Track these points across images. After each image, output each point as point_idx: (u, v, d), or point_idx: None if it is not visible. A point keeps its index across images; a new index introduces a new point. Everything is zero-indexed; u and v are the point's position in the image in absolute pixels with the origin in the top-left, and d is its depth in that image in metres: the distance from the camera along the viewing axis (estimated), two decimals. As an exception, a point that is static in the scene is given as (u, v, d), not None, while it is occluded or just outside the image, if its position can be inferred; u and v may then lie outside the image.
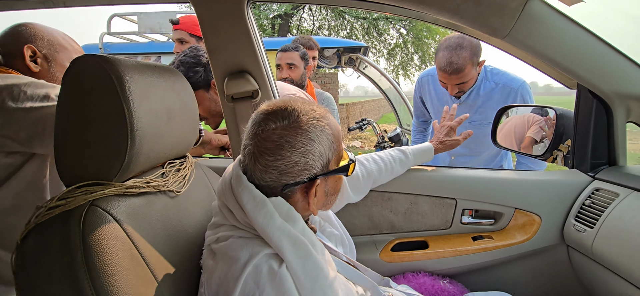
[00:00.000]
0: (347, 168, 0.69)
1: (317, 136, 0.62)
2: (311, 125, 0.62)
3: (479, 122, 1.56)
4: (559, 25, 0.91)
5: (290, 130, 0.61)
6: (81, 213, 0.54)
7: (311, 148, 0.62)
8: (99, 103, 0.58)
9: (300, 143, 0.61)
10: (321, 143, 0.63)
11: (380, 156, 1.11)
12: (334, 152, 0.66)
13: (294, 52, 1.88)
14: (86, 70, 0.59)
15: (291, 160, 0.61)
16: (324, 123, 0.64)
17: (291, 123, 0.62)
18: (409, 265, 1.15)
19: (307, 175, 0.63)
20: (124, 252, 0.55)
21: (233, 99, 1.09)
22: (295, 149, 0.61)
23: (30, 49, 0.99)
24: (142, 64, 0.69)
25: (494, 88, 1.53)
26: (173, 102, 0.75)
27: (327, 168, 0.65)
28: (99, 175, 0.60)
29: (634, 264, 0.83)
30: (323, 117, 0.65)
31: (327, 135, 0.64)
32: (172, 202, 0.73)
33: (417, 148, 1.17)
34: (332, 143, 0.65)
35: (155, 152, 0.69)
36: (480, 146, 1.63)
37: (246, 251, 0.58)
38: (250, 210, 0.60)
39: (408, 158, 1.14)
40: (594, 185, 1.04)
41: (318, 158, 0.63)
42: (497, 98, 1.53)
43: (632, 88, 0.96)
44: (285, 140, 0.61)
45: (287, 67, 1.87)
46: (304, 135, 0.61)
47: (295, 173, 0.62)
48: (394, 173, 1.14)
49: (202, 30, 1.03)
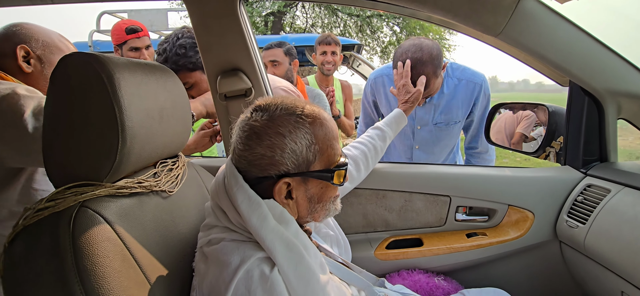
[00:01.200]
0: (331, 174, 0.65)
1: (290, 132, 0.61)
2: (285, 119, 0.61)
3: (444, 122, 1.49)
4: (551, 23, 0.92)
5: (261, 122, 0.61)
6: (71, 215, 0.53)
7: (279, 142, 0.60)
8: (88, 103, 0.57)
9: (267, 136, 0.60)
10: (294, 140, 0.61)
11: (358, 141, 1.11)
12: (317, 154, 0.63)
13: (276, 49, 1.85)
14: (75, 69, 0.57)
15: (257, 152, 0.60)
16: (304, 121, 0.62)
17: (264, 115, 0.62)
18: (403, 263, 1.15)
19: (275, 171, 0.61)
20: (116, 254, 0.53)
21: (226, 98, 1.08)
22: (261, 141, 0.60)
23: (23, 49, 0.96)
24: (132, 62, 0.67)
25: (457, 84, 1.46)
26: (165, 101, 0.73)
27: (306, 170, 0.63)
28: (90, 175, 0.58)
29: (625, 259, 0.84)
30: (307, 116, 0.63)
31: (305, 133, 0.62)
32: (165, 203, 0.72)
33: (388, 118, 1.17)
34: (313, 144, 0.62)
35: (147, 152, 0.67)
36: (443, 149, 1.56)
37: (237, 256, 0.57)
38: (245, 211, 0.59)
39: (384, 131, 1.14)
40: (586, 181, 1.05)
41: (289, 155, 0.61)
42: (462, 95, 1.46)
43: (623, 85, 0.97)
44: (253, 131, 0.61)
45: (271, 64, 1.84)
46: (273, 128, 0.60)
47: (263, 166, 0.61)
48: (377, 151, 1.11)
49: (194, 28, 1.02)
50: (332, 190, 0.69)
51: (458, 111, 1.47)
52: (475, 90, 1.47)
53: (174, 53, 1.22)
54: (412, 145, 1.58)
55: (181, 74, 1.24)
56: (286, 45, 1.89)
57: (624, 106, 1.03)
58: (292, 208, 0.65)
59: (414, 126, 1.54)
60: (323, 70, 2.19)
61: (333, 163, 0.66)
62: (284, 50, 1.86)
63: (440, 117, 1.48)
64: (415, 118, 1.53)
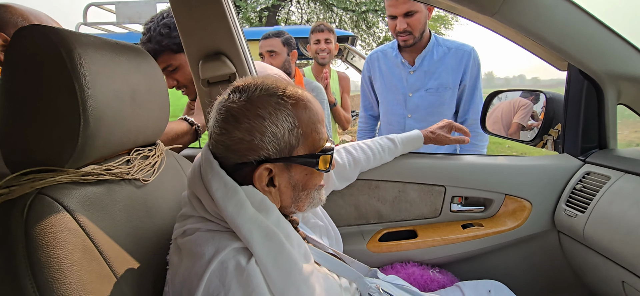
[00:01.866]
0: (315, 159, 0.60)
1: (270, 114, 0.56)
2: (264, 101, 0.56)
3: (435, 87, 1.52)
4: (549, 2, 0.88)
5: (238, 103, 0.56)
6: (25, 203, 0.48)
7: (258, 126, 0.55)
8: (46, 79, 0.52)
9: (245, 118, 0.55)
10: (275, 123, 0.56)
11: (368, 144, 1.07)
12: (301, 138, 0.59)
13: (274, 39, 1.79)
14: (31, 43, 0.52)
15: (235, 136, 0.56)
16: (286, 102, 0.57)
17: (241, 96, 0.57)
18: (397, 255, 1.11)
19: (255, 156, 0.56)
20: (75, 245, 0.48)
21: (209, 83, 1.03)
22: (239, 124, 0.56)
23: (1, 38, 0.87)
24: (101, 40, 0.62)
25: (446, 52, 1.51)
26: (138, 83, 0.68)
27: (289, 155, 0.59)
28: (50, 161, 0.53)
29: (626, 247, 0.81)
30: (290, 97, 0.58)
31: (286, 116, 0.57)
32: (139, 192, 0.67)
33: (407, 136, 1.13)
34: (296, 127, 0.58)
35: (117, 136, 0.62)
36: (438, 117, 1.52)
37: (212, 246, 0.53)
38: (220, 199, 0.54)
39: (397, 147, 1.10)
40: (585, 169, 1.02)
41: (270, 139, 0.56)
42: (451, 61, 1.50)
43: (624, 68, 0.94)
44: (230, 114, 0.56)
45: (268, 54, 1.79)
46: (251, 110, 0.56)
47: (242, 151, 0.56)
48: (382, 162, 1.10)
49: (174, 10, 0.96)
50: (318, 177, 0.65)
51: (448, 76, 1.50)
52: (464, 56, 1.49)
53: (158, 32, 1.15)
54: (405, 114, 1.59)
55: (165, 56, 1.18)
56: (284, 34, 1.83)
57: (624, 90, 0.99)
58: (274, 196, 0.61)
59: (406, 93, 1.57)
60: (318, 60, 2.13)
61: (318, 148, 0.62)
62: (282, 39, 1.80)
63: (431, 83, 1.51)
64: (406, 85, 1.56)
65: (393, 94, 1.62)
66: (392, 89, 1.61)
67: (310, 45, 2.15)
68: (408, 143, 1.12)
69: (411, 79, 1.55)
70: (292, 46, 1.83)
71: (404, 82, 1.57)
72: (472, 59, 1.49)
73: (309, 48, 2.17)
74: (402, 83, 1.57)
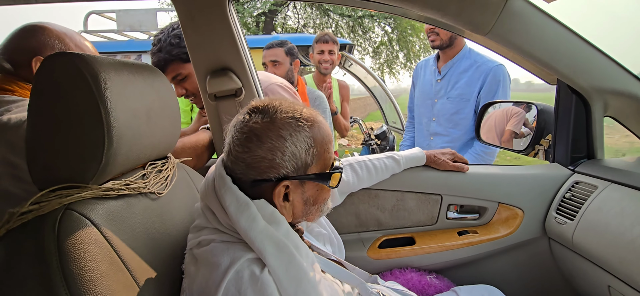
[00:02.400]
0: (328, 177, 0.65)
1: (291, 135, 0.61)
2: (286, 122, 0.61)
3: (455, 96, 1.67)
4: (539, 22, 0.93)
5: (261, 124, 0.60)
6: (56, 218, 0.52)
7: (280, 145, 0.60)
8: (73, 103, 0.56)
9: (269, 138, 0.60)
10: (295, 143, 0.61)
11: (374, 164, 1.11)
12: (315, 158, 0.64)
13: (277, 49, 1.83)
14: (59, 69, 0.56)
15: (257, 154, 0.60)
16: (304, 124, 0.62)
17: (264, 118, 0.61)
18: (396, 262, 1.15)
19: (274, 173, 0.61)
20: (103, 257, 0.52)
21: (216, 98, 1.07)
22: (262, 143, 0.60)
23: (39, 61, 0.85)
24: (118, 62, 0.66)
25: (472, 65, 1.63)
26: (152, 101, 0.72)
27: (304, 173, 0.63)
28: (75, 177, 0.57)
29: (611, 254, 0.86)
30: (307, 119, 0.63)
31: (305, 137, 0.62)
32: (154, 204, 0.71)
33: (410, 157, 1.17)
34: (312, 147, 0.63)
35: (135, 153, 0.66)
36: (456, 125, 1.69)
37: (227, 257, 0.57)
38: (233, 213, 0.59)
39: (400, 167, 1.15)
40: (574, 178, 1.07)
41: (290, 158, 0.61)
42: (475, 74, 1.62)
43: (609, 83, 0.99)
44: (254, 133, 0.60)
45: (271, 64, 1.83)
46: (274, 131, 0.60)
47: (263, 169, 0.60)
48: (383, 178, 1.15)
49: (183, 27, 1.01)
50: (327, 192, 0.70)
51: (468, 88, 1.62)
52: (485, 72, 1.59)
53: (168, 42, 1.19)
54: (431, 116, 1.77)
55: (175, 65, 1.22)
56: (288, 44, 1.86)
57: (610, 104, 1.05)
58: (288, 210, 0.65)
59: (433, 98, 1.75)
60: (320, 69, 2.19)
61: (328, 166, 0.67)
62: (285, 49, 1.84)
63: (452, 91, 1.66)
64: (433, 91, 1.75)
65: (424, 98, 1.81)
66: (424, 94, 1.80)
67: (313, 54, 2.20)
68: (410, 162, 1.17)
69: (437, 86, 1.73)
70: (294, 56, 1.87)
71: (433, 88, 1.75)
72: (492, 74, 1.57)
73: (312, 57, 2.22)
74: (431, 89, 1.75)
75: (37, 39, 0.87)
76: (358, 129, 3.41)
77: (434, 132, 1.76)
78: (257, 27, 10.80)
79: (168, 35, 1.20)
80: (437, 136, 1.75)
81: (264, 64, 1.86)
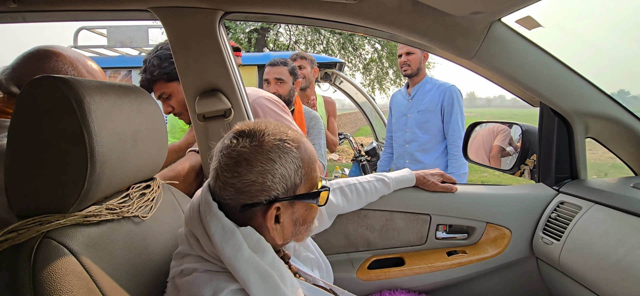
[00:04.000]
0: (317, 196, 0.66)
1: (280, 157, 0.61)
2: (274, 145, 0.61)
3: (422, 110, 2.18)
4: (521, 48, 0.96)
5: (250, 148, 0.60)
6: (32, 247, 0.50)
7: (270, 168, 0.60)
8: (55, 128, 0.55)
9: (259, 162, 0.59)
10: (284, 165, 0.61)
11: (364, 187, 1.11)
12: (303, 178, 0.64)
13: (282, 67, 1.86)
14: (42, 93, 0.55)
15: (248, 178, 0.59)
16: (291, 145, 0.63)
17: (252, 142, 0.61)
18: (385, 283, 1.14)
19: (265, 196, 0.60)
20: (81, 288, 0.51)
21: (205, 118, 1.06)
22: (252, 167, 0.59)
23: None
24: (105, 84, 0.65)
25: (433, 87, 2.18)
26: (139, 123, 0.71)
27: (294, 193, 0.63)
28: (55, 205, 0.56)
29: (597, 275, 0.86)
30: (293, 141, 0.64)
31: (293, 158, 0.62)
32: (137, 229, 0.69)
33: (400, 179, 1.17)
34: (300, 168, 0.63)
35: (119, 177, 0.65)
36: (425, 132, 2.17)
37: (210, 288, 0.55)
38: (218, 241, 0.58)
39: (389, 189, 1.15)
40: (559, 198, 1.09)
41: (280, 180, 0.61)
42: (436, 93, 2.14)
43: (589, 107, 1.02)
44: (243, 158, 0.60)
45: (276, 82, 1.84)
46: (263, 154, 0.60)
47: (253, 193, 0.60)
48: (373, 200, 1.15)
49: (172, 48, 1.00)
50: (315, 211, 0.71)
51: (431, 103, 2.14)
52: (443, 91, 2.13)
53: (151, 64, 1.23)
54: (405, 129, 2.25)
55: (159, 84, 1.26)
56: (291, 64, 1.91)
57: (591, 126, 1.08)
58: (278, 232, 0.64)
59: (406, 114, 2.25)
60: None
61: (315, 185, 0.67)
62: (289, 69, 1.88)
63: (421, 107, 2.18)
64: (406, 109, 2.26)
65: (399, 116, 2.31)
66: (399, 112, 2.32)
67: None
68: (400, 184, 1.17)
69: (409, 104, 2.24)
70: (296, 76, 1.91)
71: (405, 107, 2.26)
72: (448, 92, 2.12)
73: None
74: (404, 107, 2.27)
75: (50, 65, 0.84)
76: (348, 145, 3.42)
77: (408, 139, 2.24)
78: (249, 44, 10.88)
79: (152, 56, 1.23)
80: (411, 142, 2.22)
81: (267, 80, 1.87)
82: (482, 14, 0.85)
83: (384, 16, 0.93)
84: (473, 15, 0.86)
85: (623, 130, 1.05)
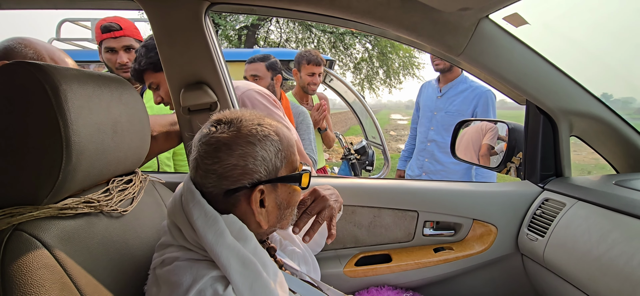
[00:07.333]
0: (299, 178, 0.66)
1: (259, 141, 0.61)
2: (252, 129, 0.61)
3: (452, 111, 2.02)
4: (508, 45, 0.97)
5: (229, 134, 0.60)
6: (2, 240, 0.48)
7: (250, 151, 0.60)
8: (29, 115, 0.52)
9: (238, 145, 0.59)
10: (264, 148, 0.61)
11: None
12: (283, 160, 0.64)
13: (258, 63, 1.82)
14: (15, 80, 0.53)
15: (229, 162, 0.59)
16: (269, 129, 0.63)
17: (231, 128, 0.61)
18: (372, 280, 1.14)
19: (248, 179, 0.60)
20: (53, 282, 0.48)
21: (190, 111, 1.04)
22: (232, 151, 0.59)
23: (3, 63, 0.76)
24: (84, 73, 0.63)
25: (467, 88, 2.00)
26: (120, 114, 0.69)
27: (276, 176, 0.63)
28: (28, 196, 0.53)
29: (580, 271, 0.88)
30: (270, 125, 0.64)
31: (272, 141, 0.62)
32: (117, 223, 0.67)
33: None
34: (280, 151, 0.63)
35: (97, 169, 0.63)
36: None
37: (190, 275, 0.54)
38: (200, 227, 0.56)
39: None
40: (544, 195, 1.10)
41: (261, 162, 0.61)
42: (470, 95, 1.97)
43: (574, 105, 1.04)
44: (223, 143, 0.59)
45: (252, 78, 1.81)
46: (242, 138, 0.60)
47: (235, 177, 0.59)
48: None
49: (156, 39, 0.98)
50: (297, 195, 0.71)
51: (463, 106, 1.98)
52: (478, 94, 1.96)
53: (139, 53, 1.22)
54: (430, 126, 2.12)
55: (147, 74, 1.24)
56: (270, 58, 1.84)
57: (576, 124, 1.09)
58: (264, 216, 0.64)
59: (433, 111, 2.10)
60: (307, 90, 2.21)
61: (296, 168, 0.68)
62: (266, 64, 1.82)
63: (451, 107, 2.02)
64: (434, 106, 2.10)
65: (425, 110, 2.18)
66: (426, 107, 2.18)
67: (299, 72, 2.19)
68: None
69: (438, 102, 2.09)
70: (277, 71, 1.85)
71: (433, 103, 2.12)
72: (484, 97, 1.94)
73: (296, 73, 2.22)
74: (432, 103, 2.12)
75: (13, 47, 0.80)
76: (338, 144, 3.42)
77: (431, 138, 2.10)
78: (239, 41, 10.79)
79: (141, 46, 1.22)
80: (433, 142, 2.09)
81: (245, 78, 1.84)
82: (470, 10, 0.85)
83: (373, 11, 0.92)
84: (461, 11, 0.86)
85: (606, 128, 1.07)
